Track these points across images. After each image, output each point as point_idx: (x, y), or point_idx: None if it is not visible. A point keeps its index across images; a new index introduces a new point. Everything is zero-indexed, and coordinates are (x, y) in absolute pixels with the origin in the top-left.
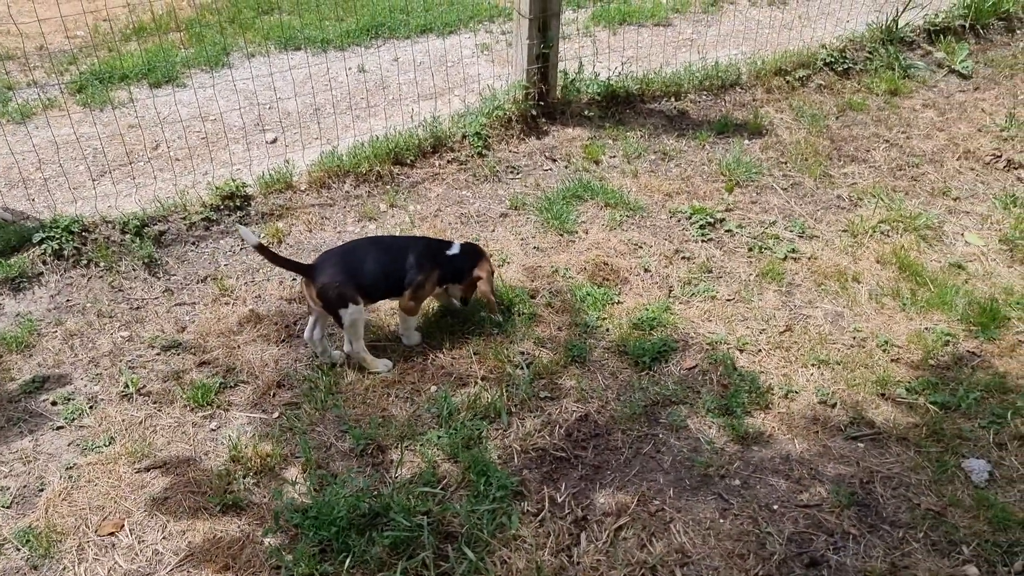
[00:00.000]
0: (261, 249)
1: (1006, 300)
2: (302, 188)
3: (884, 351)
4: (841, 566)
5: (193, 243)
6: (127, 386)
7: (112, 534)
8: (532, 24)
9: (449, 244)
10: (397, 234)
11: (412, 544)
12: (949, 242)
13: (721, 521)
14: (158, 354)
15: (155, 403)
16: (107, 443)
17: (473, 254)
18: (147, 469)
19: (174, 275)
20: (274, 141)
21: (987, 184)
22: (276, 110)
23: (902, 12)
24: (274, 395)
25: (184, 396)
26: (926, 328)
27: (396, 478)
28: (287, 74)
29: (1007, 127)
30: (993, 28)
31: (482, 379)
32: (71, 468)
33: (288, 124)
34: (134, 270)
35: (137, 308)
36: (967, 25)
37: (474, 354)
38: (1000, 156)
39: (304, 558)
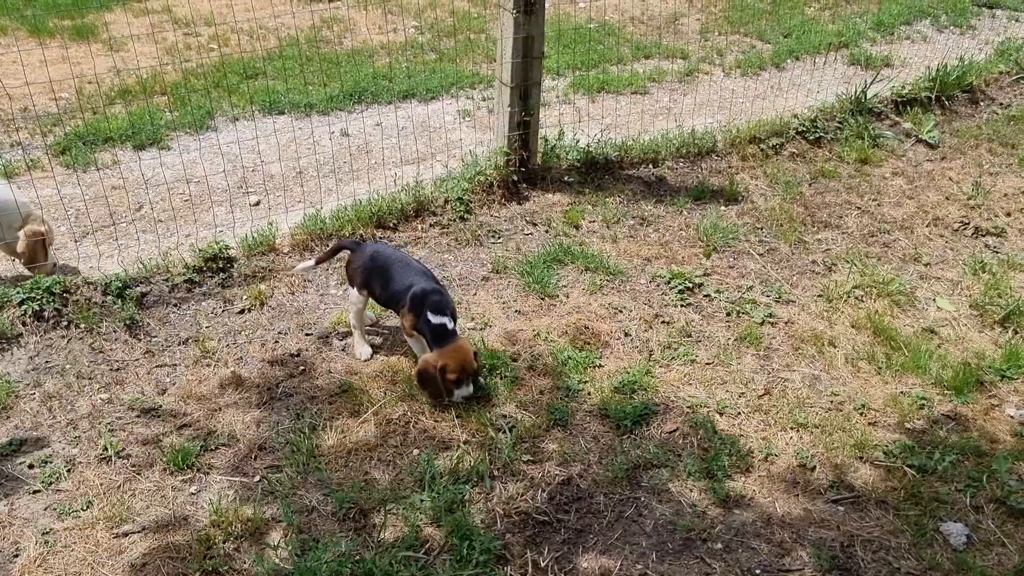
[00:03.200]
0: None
1: (978, 364)
2: (285, 251)
3: (861, 414)
4: None
5: (175, 305)
6: (106, 449)
7: None
8: (514, 92)
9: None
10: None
11: None
12: (921, 307)
13: None
14: (138, 416)
15: (134, 466)
16: (84, 507)
17: None
18: (125, 534)
19: (155, 337)
20: (257, 204)
21: (956, 250)
22: (260, 173)
23: (870, 84)
24: (255, 458)
25: (164, 459)
26: (901, 392)
27: (379, 542)
28: (271, 137)
29: (974, 195)
30: (958, 100)
31: (464, 442)
32: (47, 533)
33: (271, 187)
34: (115, 331)
35: (117, 370)
36: (933, 97)
37: (456, 417)
38: (968, 223)
39: None
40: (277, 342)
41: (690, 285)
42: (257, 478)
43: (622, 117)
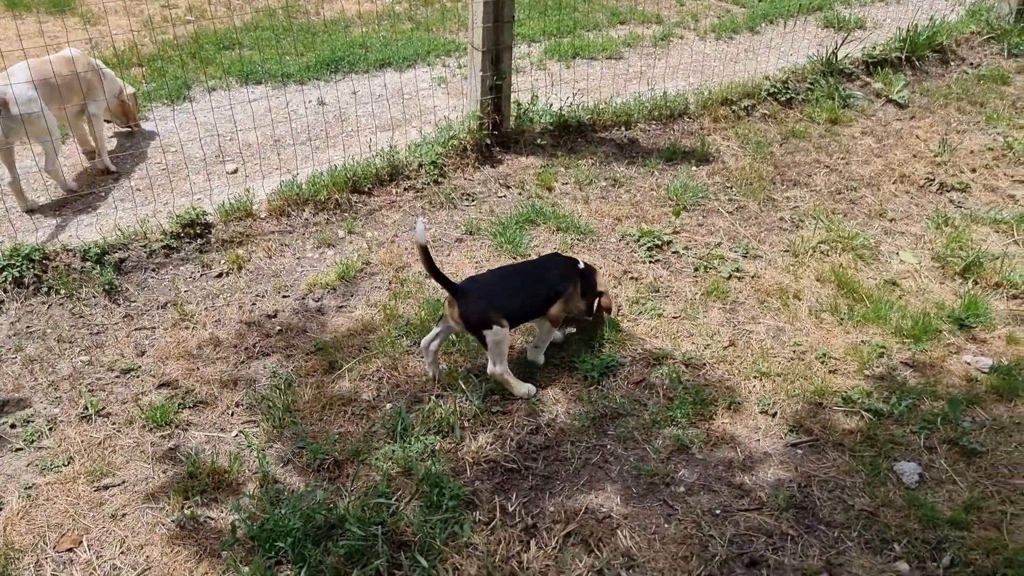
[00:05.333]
0: (423, 251)
1: (937, 314)
2: (262, 216)
3: (822, 363)
4: (779, 565)
5: (153, 270)
6: (87, 408)
7: (70, 550)
8: (485, 57)
9: (577, 261)
10: (543, 260)
11: (366, 553)
12: (885, 260)
13: (666, 526)
14: (117, 377)
15: (114, 424)
16: (66, 463)
17: (593, 271)
18: (106, 487)
19: (134, 301)
20: (235, 171)
21: (921, 206)
22: (236, 142)
23: (841, 45)
24: (232, 414)
25: (143, 417)
26: (862, 341)
27: (352, 491)
28: (247, 107)
29: (940, 152)
30: (928, 60)
31: (437, 396)
32: (29, 488)
33: (248, 155)
34: (94, 297)
35: (97, 334)
36: (903, 57)
37: (427, 373)
38: (933, 180)
39: (260, 570)
40: (255, 304)
41: (659, 243)
42: (234, 433)
43: (595, 82)
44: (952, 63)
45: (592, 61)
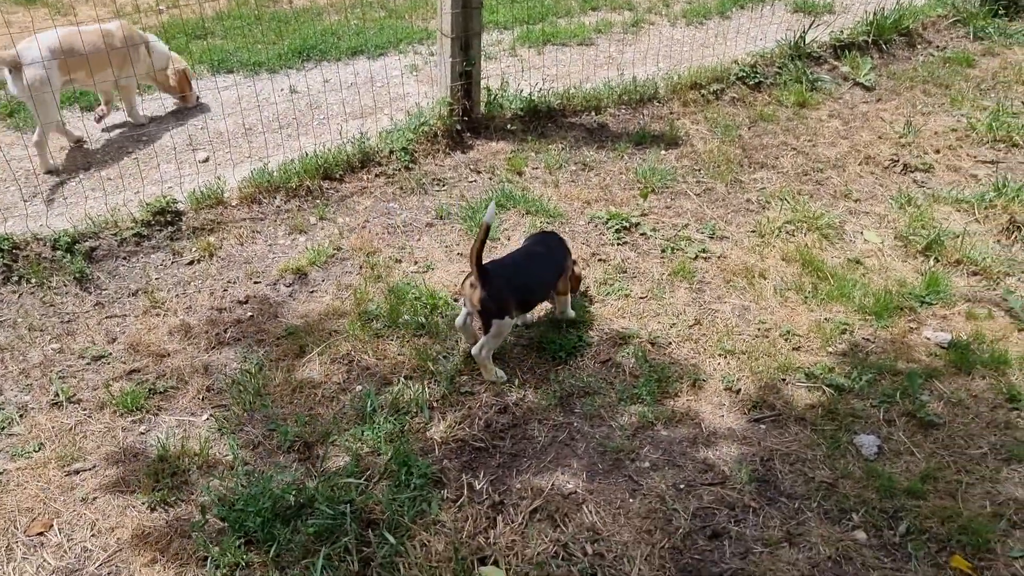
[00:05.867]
0: (485, 230)
1: (899, 291)
2: (233, 203)
3: (786, 340)
4: (741, 536)
5: (124, 258)
6: (57, 395)
7: (41, 534)
8: (455, 43)
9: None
10: (539, 240)
11: (335, 531)
12: (849, 240)
13: (631, 501)
14: (88, 364)
15: (85, 410)
16: (36, 449)
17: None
18: (77, 472)
19: (105, 289)
20: (206, 160)
21: (885, 187)
22: (207, 130)
23: (809, 29)
24: (203, 399)
25: (114, 403)
26: (825, 319)
27: (322, 471)
28: (218, 95)
29: (905, 134)
30: (895, 43)
31: (406, 378)
32: (1, 474)
33: (220, 143)
34: (65, 285)
35: (68, 322)
36: (871, 41)
37: (398, 355)
38: (898, 161)
39: (231, 548)
40: (226, 291)
41: (627, 225)
42: (205, 416)
43: (566, 68)
44: (919, 46)
45: (563, 47)
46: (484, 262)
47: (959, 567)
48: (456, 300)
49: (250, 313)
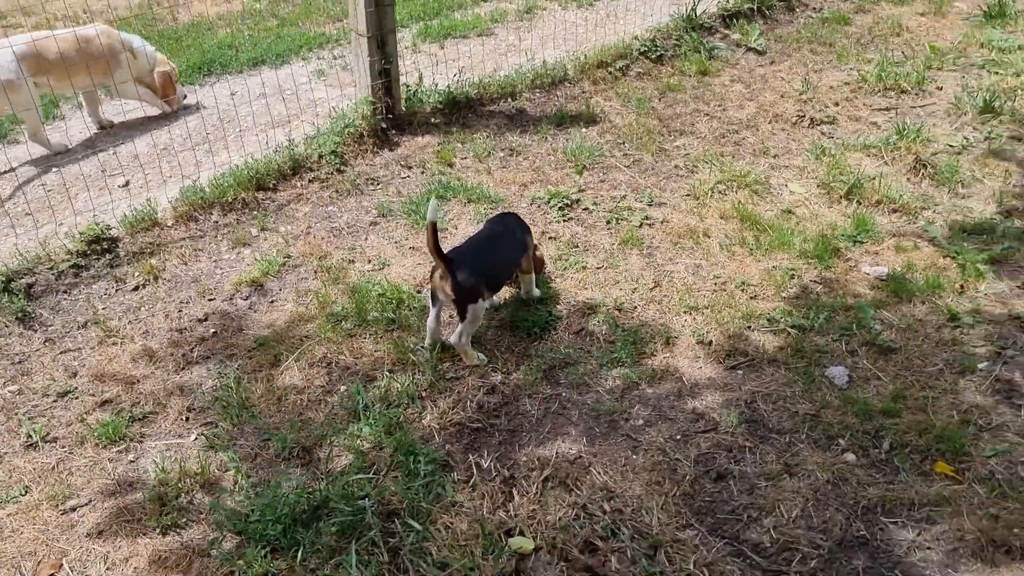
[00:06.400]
0: (432, 228)
1: (832, 234)
2: (169, 224)
3: (743, 291)
4: (743, 474)
5: (65, 291)
6: (30, 436)
7: (52, 575)
8: (371, 41)
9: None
10: (498, 221)
11: (358, 527)
12: (776, 193)
13: (634, 457)
14: (55, 401)
15: (64, 447)
16: (23, 492)
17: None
18: (73, 509)
19: (51, 325)
20: (126, 184)
21: (798, 141)
22: (119, 154)
23: (698, 2)
24: (187, 419)
25: (94, 436)
26: (773, 267)
27: (328, 472)
28: (121, 119)
29: (804, 91)
30: (776, 8)
31: (389, 372)
32: None
33: (136, 167)
34: (7, 326)
35: (19, 362)
36: (755, 8)
37: (375, 352)
38: (804, 116)
39: (256, 559)
40: (181, 311)
41: (568, 202)
42: (193, 436)
43: (474, 59)
44: (797, 10)
45: (464, 39)
46: (447, 251)
47: (944, 471)
48: (419, 292)
49: (213, 330)
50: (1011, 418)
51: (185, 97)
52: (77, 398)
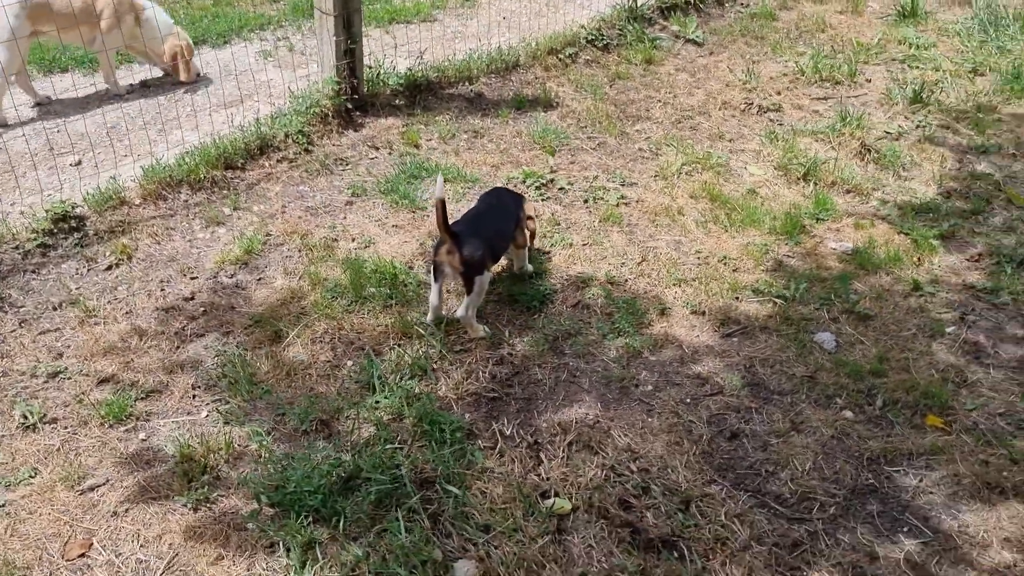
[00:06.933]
0: (441, 204)
1: (797, 212)
2: (137, 203)
3: (725, 265)
4: (755, 433)
5: (33, 271)
6: (26, 417)
7: (83, 555)
8: (337, 20)
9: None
10: (492, 194)
11: (394, 495)
12: (738, 174)
13: (650, 420)
14: (46, 382)
15: (67, 428)
16: (32, 474)
17: (522, 198)
18: (91, 488)
19: (23, 306)
20: (79, 163)
21: (749, 126)
22: (65, 132)
23: None
24: (194, 397)
25: (98, 415)
26: (748, 242)
27: (354, 443)
28: (59, 98)
29: (748, 80)
30: (708, 3)
31: (398, 344)
32: (3, 505)
33: (86, 146)
34: None
35: None
36: (690, 2)
37: (377, 326)
38: (751, 103)
39: (299, 529)
40: (163, 290)
41: (544, 182)
42: (204, 413)
43: (423, 44)
44: (727, 4)
45: (409, 25)
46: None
47: (934, 424)
48: (411, 269)
49: (202, 308)
50: (983, 375)
51: (199, 74)
52: (70, 378)
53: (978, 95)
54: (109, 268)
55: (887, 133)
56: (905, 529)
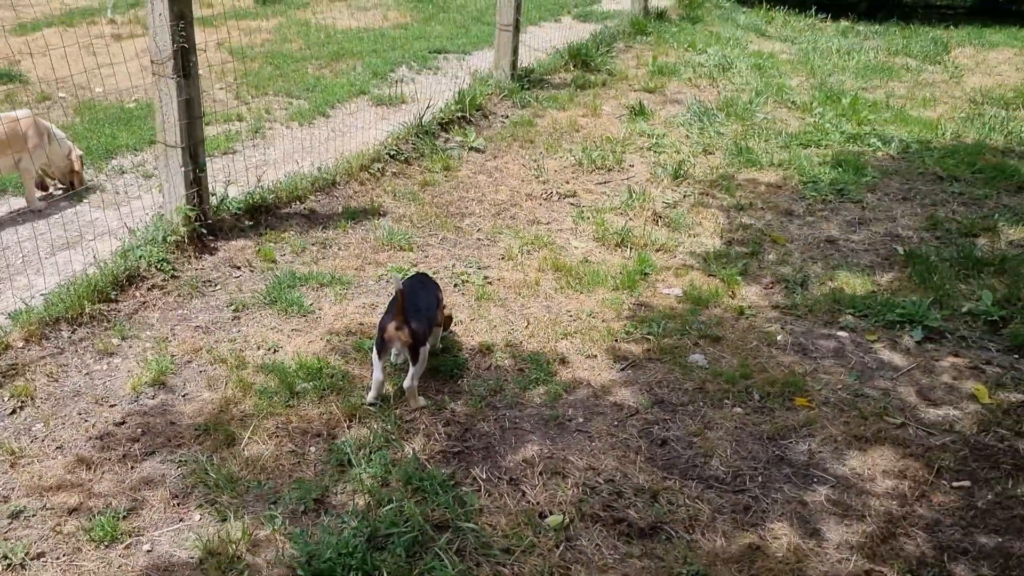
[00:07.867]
0: (402, 294)
1: (627, 270)
2: (20, 345)
3: (593, 317)
4: (678, 437)
5: None
6: (8, 558)
7: None
8: (184, 152)
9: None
10: (416, 280)
11: (420, 541)
12: (566, 249)
13: (594, 444)
14: (10, 523)
15: (60, 558)
16: None
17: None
18: None
19: None
20: None
21: (556, 211)
22: None
23: (424, 114)
24: (177, 505)
25: (89, 539)
26: (603, 298)
27: (356, 511)
28: None
29: (540, 174)
30: (476, 116)
31: (347, 427)
32: None
33: None
34: None
35: None
36: (463, 117)
37: (324, 414)
38: (551, 193)
39: None
40: (86, 421)
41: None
42: (198, 516)
43: (238, 171)
44: (490, 116)
45: (211, 158)
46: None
47: (802, 404)
48: (328, 364)
49: (139, 429)
50: (815, 366)
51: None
52: (34, 515)
53: (717, 168)
54: (14, 412)
55: (666, 203)
56: (815, 480)
